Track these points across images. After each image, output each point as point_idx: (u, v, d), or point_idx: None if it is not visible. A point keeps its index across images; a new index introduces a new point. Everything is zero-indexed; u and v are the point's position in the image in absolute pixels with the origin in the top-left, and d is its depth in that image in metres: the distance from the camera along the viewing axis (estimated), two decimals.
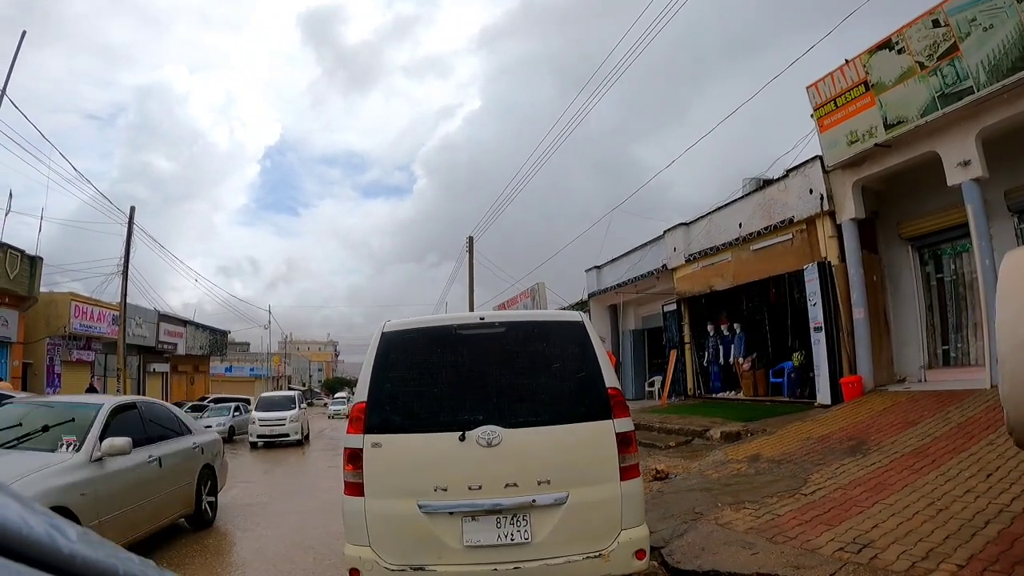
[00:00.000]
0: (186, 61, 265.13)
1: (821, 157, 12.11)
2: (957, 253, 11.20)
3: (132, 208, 21.76)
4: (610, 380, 3.52)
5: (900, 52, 10.12)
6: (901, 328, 12.04)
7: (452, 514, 3.24)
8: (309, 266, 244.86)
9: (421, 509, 3.25)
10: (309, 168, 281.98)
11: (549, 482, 3.28)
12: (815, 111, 11.94)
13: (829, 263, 11.96)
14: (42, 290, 20.32)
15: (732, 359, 15.76)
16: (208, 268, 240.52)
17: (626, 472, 3.37)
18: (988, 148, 9.43)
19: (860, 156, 11.16)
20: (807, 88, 12.02)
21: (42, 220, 26.91)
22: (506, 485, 3.26)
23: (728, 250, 15.20)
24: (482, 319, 3.79)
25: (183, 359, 33.35)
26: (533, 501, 3.25)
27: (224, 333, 40.37)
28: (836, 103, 11.42)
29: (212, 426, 19.33)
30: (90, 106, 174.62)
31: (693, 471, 7.79)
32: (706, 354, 16.82)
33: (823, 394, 11.55)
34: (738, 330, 15.64)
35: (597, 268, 22.64)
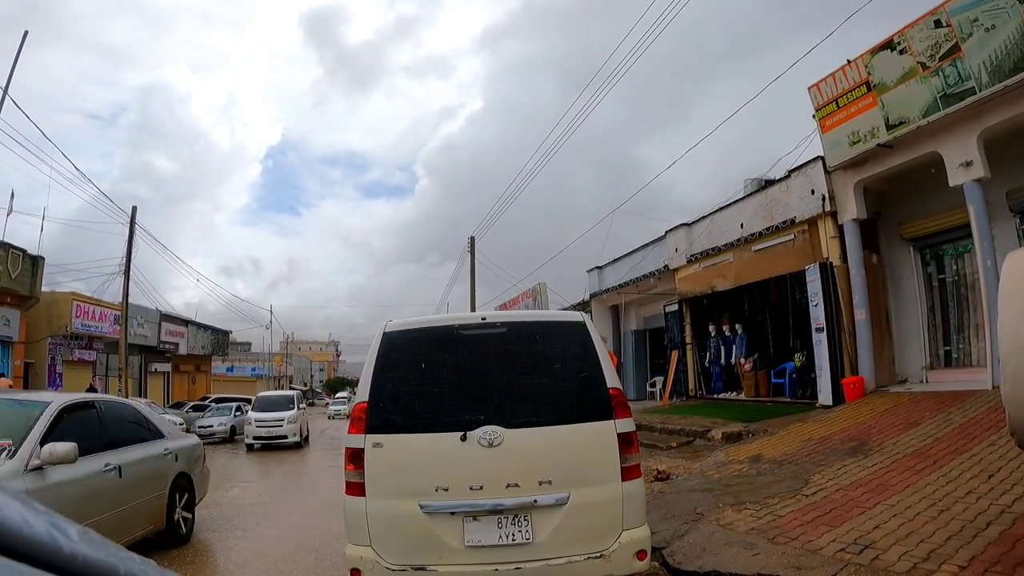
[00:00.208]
0: (187, 61, 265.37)
1: (823, 157, 12.11)
2: (959, 254, 11.19)
3: (134, 208, 21.84)
4: (611, 380, 3.52)
5: (902, 52, 10.11)
6: (903, 329, 12.02)
7: (453, 514, 3.24)
8: (310, 266, 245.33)
9: (422, 509, 3.24)
10: (310, 168, 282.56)
11: (550, 482, 3.28)
12: (817, 111, 11.94)
13: (831, 264, 11.95)
14: (44, 290, 20.35)
15: (734, 360, 15.76)
16: (210, 268, 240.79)
17: (627, 472, 3.37)
18: (990, 149, 9.42)
19: (862, 156, 11.15)
20: (809, 89, 12.02)
21: (44, 220, 27.01)
22: (507, 485, 3.26)
23: (730, 250, 15.20)
24: (484, 319, 3.79)
25: (185, 359, 33.41)
26: (534, 501, 3.25)
27: (226, 333, 40.43)
28: (838, 103, 11.42)
29: (213, 426, 19.42)
30: (92, 106, 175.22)
31: (694, 472, 7.79)
32: (707, 355, 16.82)
33: (824, 395, 11.55)
34: (740, 331, 15.65)
35: (599, 268, 22.65)
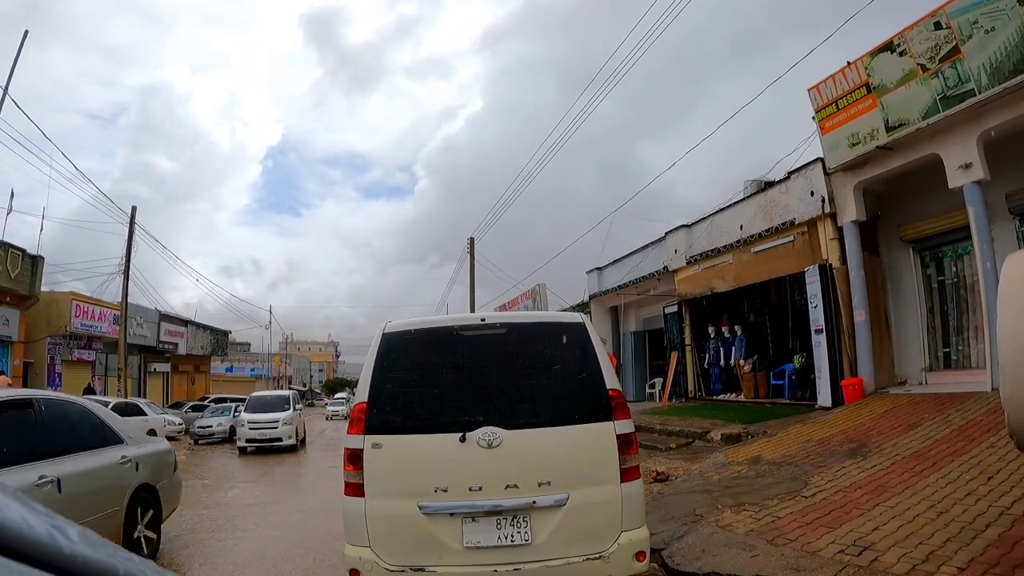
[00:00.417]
0: (188, 61, 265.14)
1: (822, 159, 12.11)
2: (958, 255, 11.19)
3: (133, 208, 21.88)
4: (611, 382, 3.52)
5: (902, 54, 10.12)
6: (902, 330, 12.03)
7: (452, 515, 3.24)
8: (310, 266, 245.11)
9: (421, 510, 3.24)
10: (311, 168, 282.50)
11: (549, 483, 3.28)
12: (817, 113, 11.94)
13: (830, 265, 11.95)
14: (43, 289, 20.36)
15: (733, 361, 15.76)
16: (209, 268, 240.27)
17: (627, 474, 3.37)
18: (990, 150, 9.43)
19: (861, 158, 11.16)
20: (809, 90, 12.03)
21: (43, 219, 26.98)
22: (506, 486, 3.26)
23: (729, 252, 15.20)
24: (483, 320, 3.79)
25: (184, 359, 33.41)
26: (533, 502, 3.25)
27: (225, 333, 40.43)
28: (838, 105, 11.43)
29: (212, 426, 19.23)
30: (92, 106, 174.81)
31: (693, 473, 7.79)
32: (707, 356, 16.82)
33: (824, 396, 11.54)
34: (739, 332, 15.65)
35: (598, 269, 22.66)
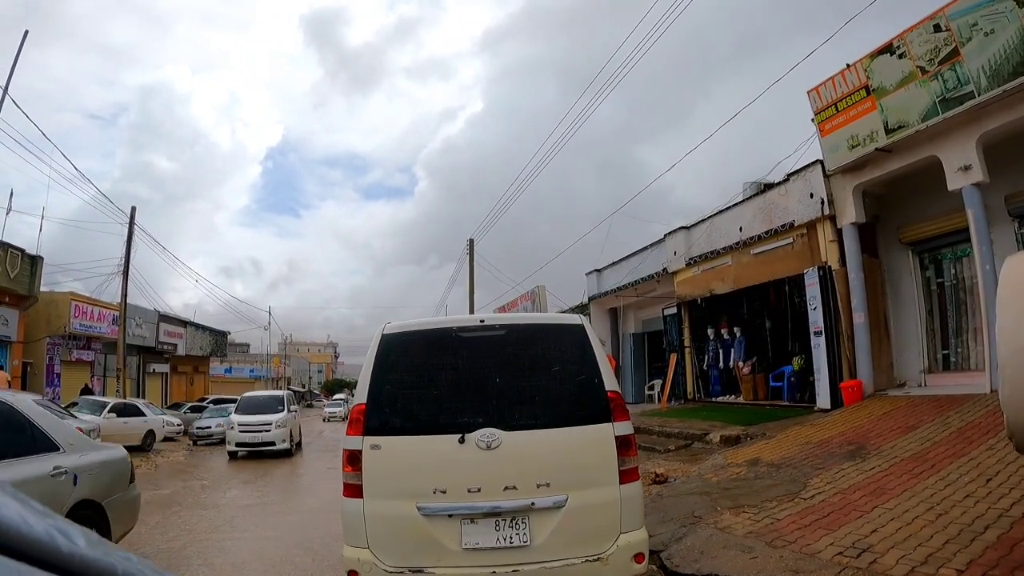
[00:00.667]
0: (188, 61, 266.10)
1: (822, 161, 12.13)
2: (958, 258, 11.20)
3: (133, 208, 21.82)
4: (610, 383, 3.51)
5: (901, 57, 10.14)
6: (901, 332, 12.04)
7: (451, 516, 3.24)
8: (310, 267, 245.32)
9: (420, 511, 3.24)
10: (311, 169, 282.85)
11: (548, 485, 3.28)
12: (816, 115, 11.96)
13: (829, 267, 11.96)
14: (42, 289, 20.33)
15: (732, 363, 15.76)
16: (209, 269, 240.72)
17: (625, 475, 3.36)
18: (989, 153, 9.44)
19: (861, 160, 11.18)
20: (808, 92, 12.04)
21: (43, 219, 26.87)
22: (505, 488, 3.25)
23: (728, 254, 15.21)
24: (482, 321, 3.78)
25: (183, 360, 33.36)
26: (532, 504, 3.24)
27: (224, 334, 40.36)
28: (837, 107, 11.44)
29: (211, 427, 19.27)
30: (92, 105, 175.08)
31: (692, 475, 7.79)
32: (706, 358, 16.82)
33: (823, 398, 11.55)
34: (738, 334, 15.65)
35: (597, 271, 22.67)
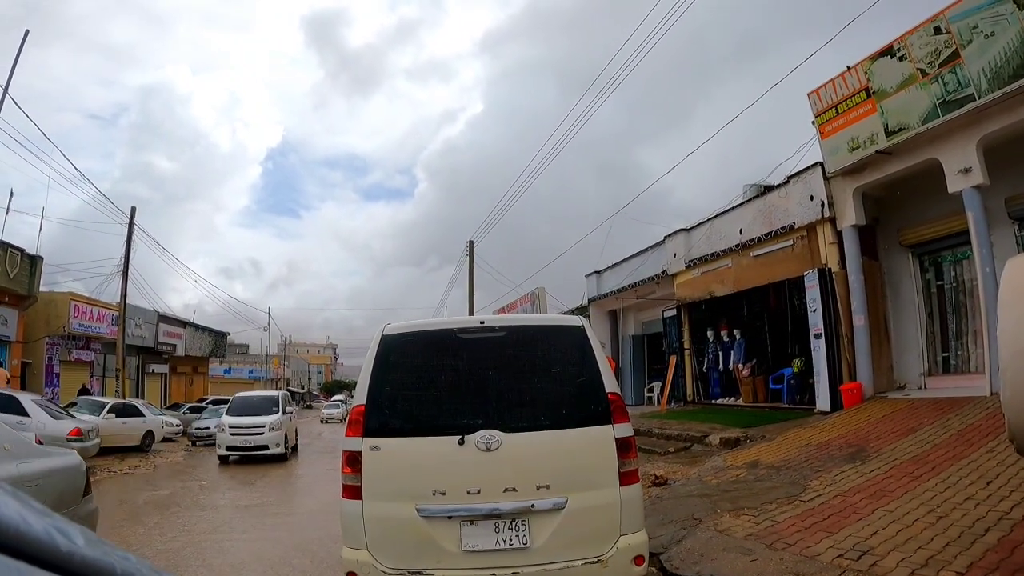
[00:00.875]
0: (189, 61, 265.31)
1: (822, 163, 12.14)
2: (958, 260, 11.21)
3: (133, 208, 21.83)
4: (610, 385, 3.51)
5: (901, 59, 10.15)
6: (901, 335, 12.03)
7: (451, 518, 3.23)
8: (310, 268, 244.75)
9: (419, 513, 3.23)
10: (311, 170, 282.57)
11: (548, 487, 3.27)
12: (816, 117, 11.97)
13: (829, 270, 11.96)
14: (42, 289, 20.31)
15: (732, 365, 15.76)
16: (209, 269, 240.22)
17: (625, 477, 3.35)
18: (989, 155, 9.45)
19: (861, 163, 11.19)
20: (808, 94, 12.05)
21: (43, 219, 26.86)
22: (505, 490, 3.24)
23: (728, 256, 15.21)
24: (482, 323, 3.77)
25: (182, 360, 33.33)
26: (532, 506, 3.24)
27: (223, 335, 40.34)
28: (837, 110, 11.45)
29: (210, 427, 19.24)
30: (92, 105, 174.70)
31: (692, 477, 7.78)
32: (706, 360, 16.82)
33: (823, 401, 11.54)
34: (738, 336, 15.65)
35: (597, 273, 22.66)
